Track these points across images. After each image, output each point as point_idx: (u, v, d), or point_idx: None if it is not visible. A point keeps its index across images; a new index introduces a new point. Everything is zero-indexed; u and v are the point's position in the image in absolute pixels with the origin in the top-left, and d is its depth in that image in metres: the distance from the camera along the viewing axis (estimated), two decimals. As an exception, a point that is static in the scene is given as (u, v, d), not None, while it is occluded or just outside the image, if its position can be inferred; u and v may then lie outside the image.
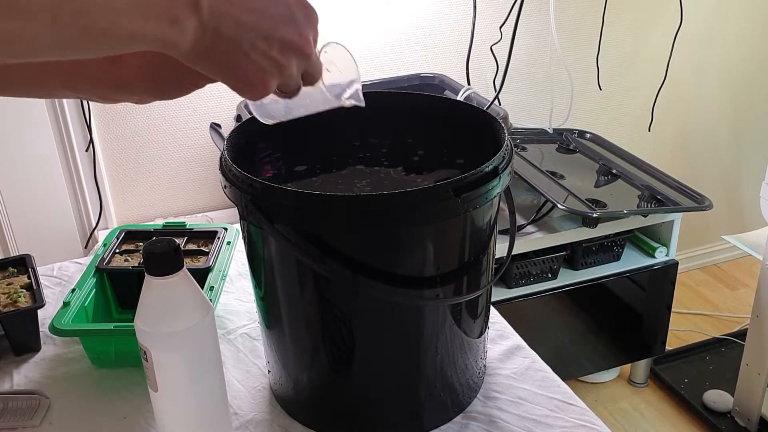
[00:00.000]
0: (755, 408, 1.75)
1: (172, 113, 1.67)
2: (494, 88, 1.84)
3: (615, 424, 1.89)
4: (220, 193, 0.71)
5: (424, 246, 0.68)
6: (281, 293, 0.73)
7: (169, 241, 0.61)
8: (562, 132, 1.97)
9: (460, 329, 0.75)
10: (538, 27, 1.91)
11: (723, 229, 2.33)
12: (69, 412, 0.81)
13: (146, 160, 1.71)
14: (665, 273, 1.78)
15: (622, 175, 1.79)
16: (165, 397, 0.66)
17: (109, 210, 1.71)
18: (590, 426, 0.77)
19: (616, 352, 1.90)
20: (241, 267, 1.06)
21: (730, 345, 2.10)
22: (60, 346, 0.91)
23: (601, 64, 1.98)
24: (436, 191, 0.63)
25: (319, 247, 0.66)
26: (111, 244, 0.99)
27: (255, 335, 0.92)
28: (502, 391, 0.82)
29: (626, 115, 2.17)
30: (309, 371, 0.77)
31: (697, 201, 1.68)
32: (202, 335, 0.65)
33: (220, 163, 0.72)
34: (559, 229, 1.65)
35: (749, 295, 1.97)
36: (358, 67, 0.65)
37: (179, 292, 0.63)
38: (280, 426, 0.78)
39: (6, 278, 0.94)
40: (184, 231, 1.03)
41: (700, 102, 2.27)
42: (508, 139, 0.73)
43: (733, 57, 2.24)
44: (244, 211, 0.67)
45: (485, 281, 0.76)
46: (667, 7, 1.98)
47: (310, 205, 0.64)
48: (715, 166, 2.40)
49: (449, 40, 1.84)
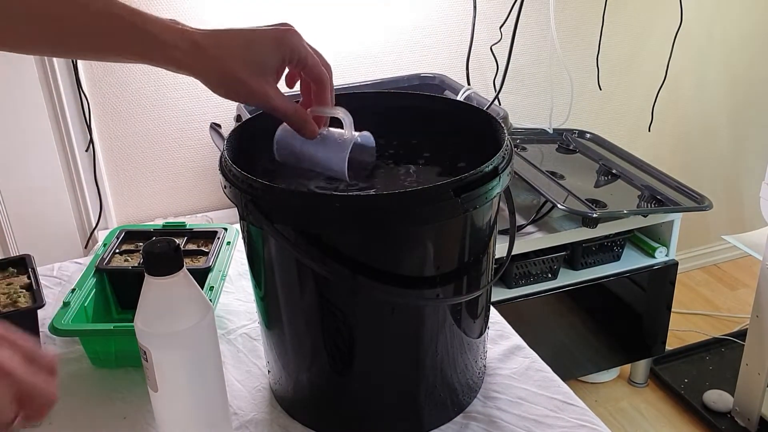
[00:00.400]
0: (755, 408, 1.75)
1: (172, 113, 1.67)
2: (494, 88, 1.84)
3: (615, 424, 1.89)
4: (220, 193, 0.71)
5: (424, 246, 0.68)
6: (281, 293, 0.73)
7: (169, 241, 0.61)
8: (562, 132, 1.97)
9: (460, 329, 0.75)
10: (538, 27, 1.91)
11: (723, 229, 2.33)
12: (69, 412, 0.81)
13: (146, 160, 1.71)
14: (665, 273, 1.78)
15: (622, 175, 1.79)
16: (165, 397, 0.66)
17: (109, 210, 1.71)
18: (590, 426, 0.77)
19: (616, 352, 1.90)
20: (241, 267, 1.06)
21: (730, 345, 2.10)
22: (60, 346, 0.91)
23: (601, 64, 1.98)
24: (436, 191, 0.63)
25: (319, 247, 0.66)
26: (111, 244, 0.99)
27: (255, 335, 0.92)
28: (502, 391, 0.82)
29: (626, 115, 2.17)
30: (309, 371, 0.77)
31: (697, 201, 1.68)
32: (202, 335, 0.65)
33: (220, 163, 0.72)
34: (559, 229, 1.65)
35: (749, 295, 1.96)
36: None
37: (179, 292, 0.63)
38: (280, 426, 0.78)
39: (6, 278, 0.94)
40: (184, 231, 1.03)
41: (700, 102, 2.27)
42: (508, 139, 0.73)
43: (733, 57, 2.24)
44: (244, 211, 0.67)
45: (485, 281, 0.76)
46: (667, 7, 1.98)
47: (310, 205, 0.64)
48: (715, 167, 2.40)
49: (449, 40, 1.84)
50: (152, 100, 1.65)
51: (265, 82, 0.68)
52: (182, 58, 0.65)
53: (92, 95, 1.61)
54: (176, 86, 1.63)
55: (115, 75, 1.61)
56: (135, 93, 1.63)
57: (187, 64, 0.66)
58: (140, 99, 1.64)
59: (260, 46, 0.67)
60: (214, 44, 0.66)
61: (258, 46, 0.67)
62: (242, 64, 0.66)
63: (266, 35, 0.68)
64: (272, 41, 0.67)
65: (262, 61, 0.67)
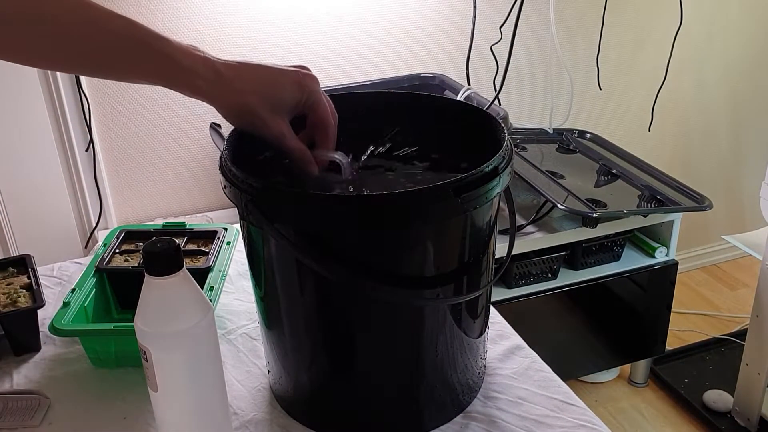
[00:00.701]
0: (755, 408, 1.75)
1: (172, 113, 1.67)
2: (494, 88, 1.84)
3: (615, 424, 1.89)
4: (220, 193, 0.71)
5: (424, 246, 0.68)
6: (281, 293, 0.73)
7: (169, 241, 0.61)
8: (562, 132, 1.97)
9: (460, 329, 0.75)
10: (538, 27, 1.91)
11: (723, 229, 2.33)
12: (69, 412, 0.81)
13: (146, 160, 1.71)
14: (665, 273, 1.78)
15: (622, 175, 1.79)
16: (165, 397, 0.66)
17: (109, 210, 1.71)
18: (590, 426, 0.77)
19: (616, 352, 1.90)
20: (241, 267, 1.06)
21: (730, 345, 2.10)
22: (60, 346, 0.91)
23: (601, 64, 1.99)
24: (436, 191, 0.63)
25: (319, 247, 0.66)
26: (111, 244, 0.99)
27: (255, 335, 0.92)
28: (502, 391, 0.82)
29: (626, 115, 2.17)
30: (309, 371, 0.77)
31: (697, 201, 1.68)
32: (202, 335, 0.64)
33: (220, 163, 0.72)
34: (559, 229, 1.65)
35: (749, 295, 1.96)
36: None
37: (179, 292, 0.63)
38: (280, 426, 0.78)
39: (6, 278, 0.94)
40: (184, 231, 1.03)
41: (700, 102, 2.27)
42: (508, 139, 0.73)
43: (733, 57, 2.24)
44: (244, 211, 0.67)
45: (485, 281, 0.76)
46: (667, 7, 1.98)
47: (310, 205, 0.64)
48: (715, 167, 2.40)
49: (449, 40, 1.85)
50: (152, 100, 1.65)
51: (281, 119, 0.71)
52: (204, 86, 0.67)
53: (92, 95, 1.61)
54: (176, 86, 1.62)
55: (115, 75, 1.60)
56: (135, 93, 1.63)
57: (208, 92, 0.68)
58: (140, 99, 1.64)
59: (282, 86, 0.71)
60: (236, 76, 0.68)
61: (280, 85, 0.71)
62: (262, 100, 0.69)
63: (288, 77, 0.71)
64: (293, 83, 0.71)
65: (281, 100, 0.71)
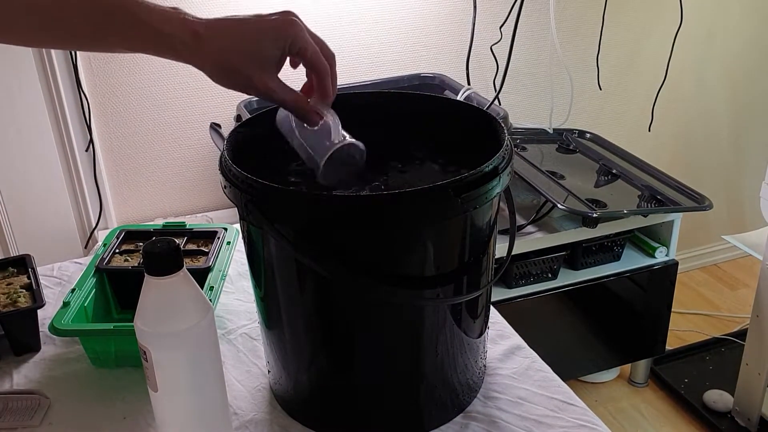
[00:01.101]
0: (755, 408, 1.75)
1: (172, 113, 1.67)
2: (494, 88, 1.84)
3: (615, 424, 1.89)
4: (220, 193, 0.71)
5: (424, 246, 0.68)
6: (281, 293, 0.73)
7: (169, 241, 0.61)
8: (562, 132, 1.97)
9: (460, 329, 0.75)
10: (538, 27, 1.91)
11: (723, 229, 2.33)
12: (69, 412, 0.81)
13: (146, 160, 1.71)
14: (665, 273, 1.78)
15: (622, 175, 1.79)
16: (165, 397, 0.66)
17: (109, 210, 1.71)
18: (590, 426, 0.77)
19: (616, 352, 1.90)
20: (241, 267, 1.06)
21: (730, 345, 2.10)
22: (60, 346, 0.91)
23: (601, 64, 1.98)
24: (436, 191, 0.63)
25: (319, 247, 0.66)
26: (111, 244, 0.99)
27: (255, 335, 0.92)
28: (502, 391, 0.82)
29: (626, 115, 2.17)
30: (309, 371, 0.77)
31: (697, 201, 1.68)
32: (202, 335, 0.65)
33: (220, 163, 0.72)
34: (559, 229, 1.65)
35: (749, 295, 1.97)
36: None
37: (179, 292, 0.63)
38: (280, 426, 0.78)
39: (6, 278, 0.94)
40: (184, 231, 1.03)
41: (700, 102, 2.27)
42: (508, 139, 0.73)
43: (733, 57, 2.24)
44: (244, 211, 0.67)
45: (485, 281, 0.76)
46: (667, 7, 1.98)
47: (310, 205, 0.64)
48: (715, 167, 2.40)
49: (449, 40, 1.85)
50: (152, 100, 1.65)
51: (265, 72, 0.68)
52: (182, 49, 0.65)
53: (92, 95, 1.61)
54: (176, 86, 1.63)
55: (114, 75, 1.61)
56: (135, 93, 1.63)
57: (189, 56, 0.66)
58: (140, 99, 1.64)
59: (259, 37, 0.67)
60: (213, 35, 0.66)
61: (257, 37, 0.67)
62: (241, 55, 0.66)
63: (266, 25, 0.67)
64: (272, 32, 0.67)
65: (261, 53, 0.67)
